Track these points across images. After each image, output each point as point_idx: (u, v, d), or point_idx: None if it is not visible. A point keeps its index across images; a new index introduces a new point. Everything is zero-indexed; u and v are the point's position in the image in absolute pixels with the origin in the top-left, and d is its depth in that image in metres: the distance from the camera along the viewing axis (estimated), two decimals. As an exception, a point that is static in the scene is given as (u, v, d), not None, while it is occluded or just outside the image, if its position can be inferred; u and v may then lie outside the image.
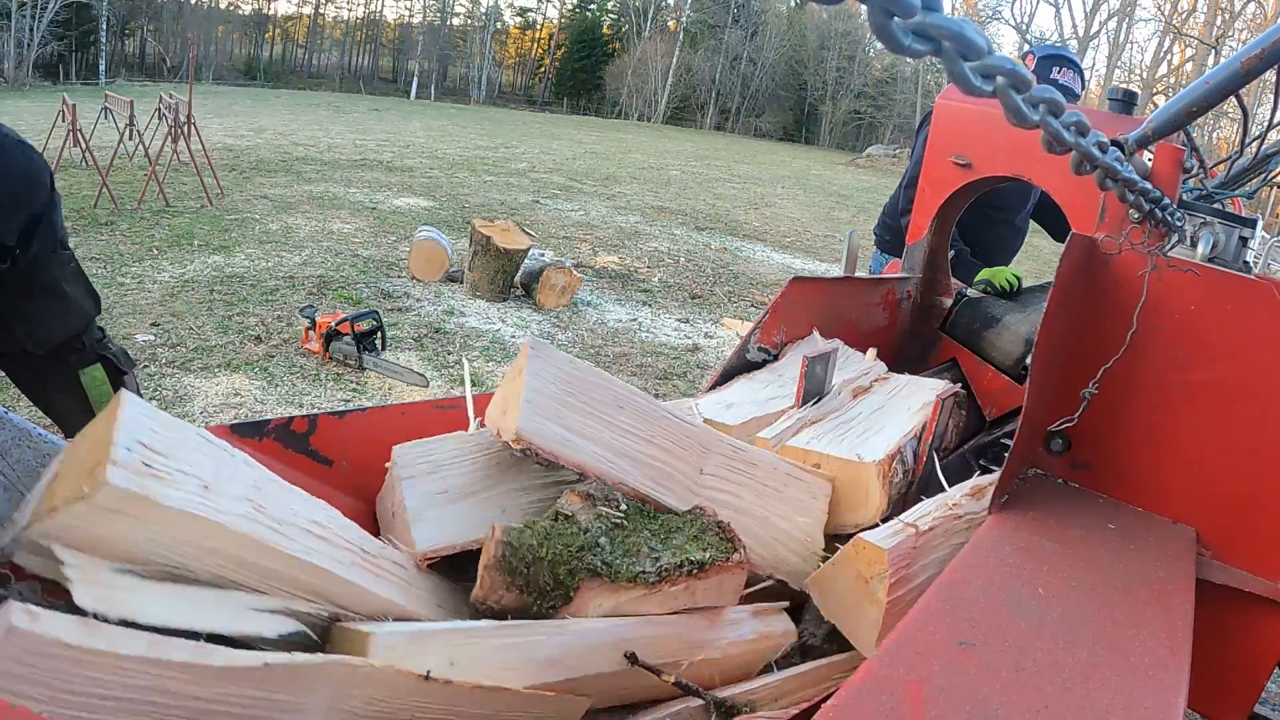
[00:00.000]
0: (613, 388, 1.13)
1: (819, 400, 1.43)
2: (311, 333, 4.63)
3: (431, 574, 0.98)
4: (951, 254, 2.47)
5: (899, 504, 1.24)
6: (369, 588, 0.83)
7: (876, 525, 1.13)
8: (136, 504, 0.61)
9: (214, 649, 0.62)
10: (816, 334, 1.69)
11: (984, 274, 2.22)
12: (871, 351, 1.66)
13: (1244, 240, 1.24)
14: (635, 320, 6.13)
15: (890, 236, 3.20)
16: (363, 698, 0.70)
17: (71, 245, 1.51)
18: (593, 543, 0.95)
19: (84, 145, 7.66)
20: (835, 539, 1.17)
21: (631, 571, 0.94)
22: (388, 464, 1.08)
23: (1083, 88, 2.84)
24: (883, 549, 0.97)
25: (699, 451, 1.13)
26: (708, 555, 0.98)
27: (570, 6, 51.66)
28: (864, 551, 0.99)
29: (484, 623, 0.87)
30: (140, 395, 0.73)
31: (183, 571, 0.68)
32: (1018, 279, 2.22)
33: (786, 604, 1.09)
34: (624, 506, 1.02)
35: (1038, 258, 9.62)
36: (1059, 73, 2.77)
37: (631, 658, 0.88)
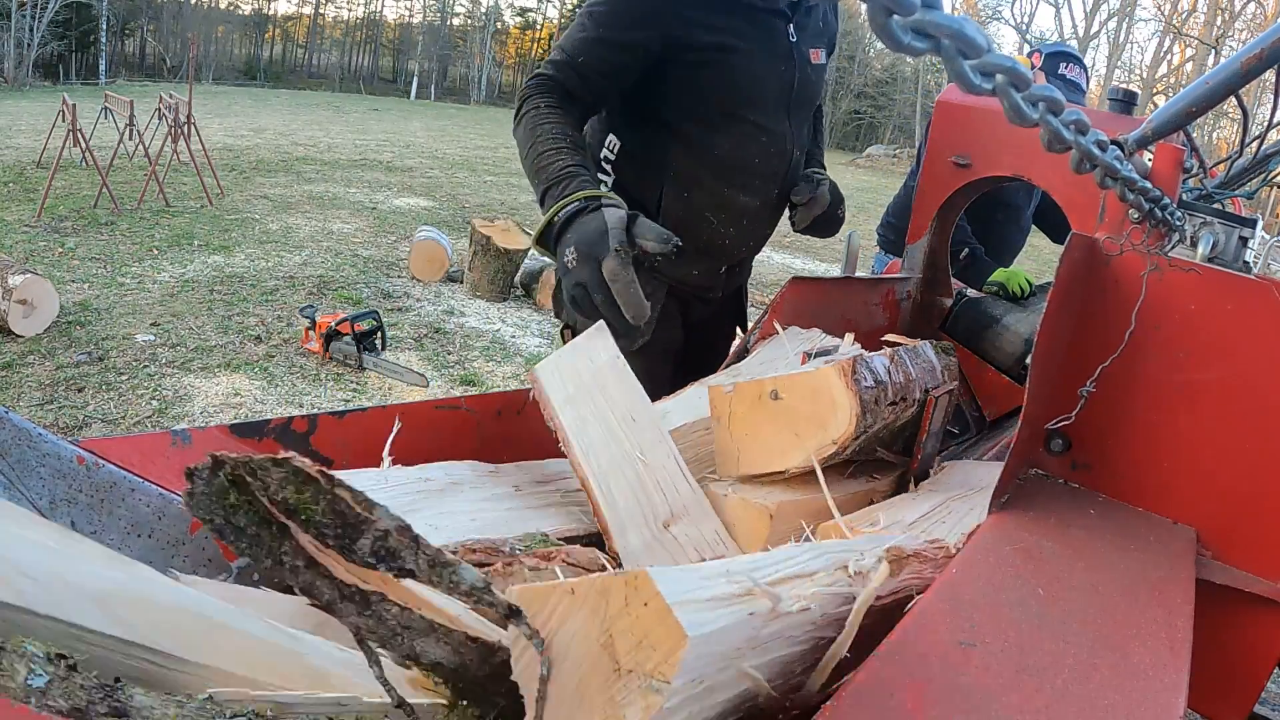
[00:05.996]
0: (638, 402, 1.14)
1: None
2: (311, 333, 4.63)
3: None
4: (965, 253, 2.46)
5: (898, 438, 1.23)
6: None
7: (852, 439, 1.09)
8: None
9: None
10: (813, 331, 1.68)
11: (998, 275, 2.22)
12: (849, 336, 1.61)
13: (1244, 240, 1.24)
14: (635, 320, 6.13)
15: (894, 236, 3.20)
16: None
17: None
18: None
19: (84, 145, 7.65)
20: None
21: None
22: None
23: (1087, 82, 2.87)
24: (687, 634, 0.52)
25: (679, 508, 1.08)
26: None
27: (570, 6, 51.66)
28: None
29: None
30: None
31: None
32: (1030, 283, 2.22)
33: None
34: None
35: (1038, 258, 9.62)
36: (1067, 68, 2.80)
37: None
